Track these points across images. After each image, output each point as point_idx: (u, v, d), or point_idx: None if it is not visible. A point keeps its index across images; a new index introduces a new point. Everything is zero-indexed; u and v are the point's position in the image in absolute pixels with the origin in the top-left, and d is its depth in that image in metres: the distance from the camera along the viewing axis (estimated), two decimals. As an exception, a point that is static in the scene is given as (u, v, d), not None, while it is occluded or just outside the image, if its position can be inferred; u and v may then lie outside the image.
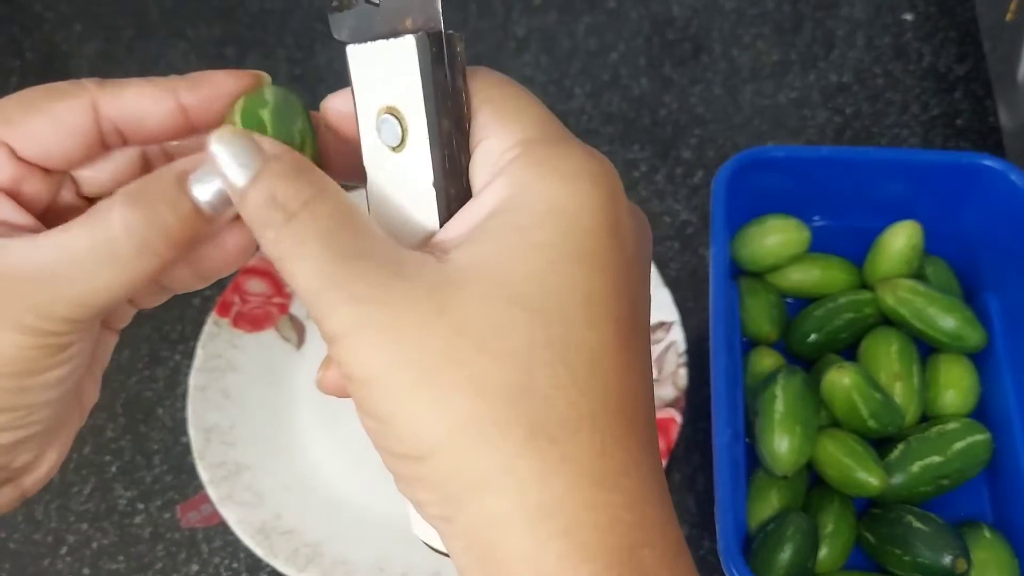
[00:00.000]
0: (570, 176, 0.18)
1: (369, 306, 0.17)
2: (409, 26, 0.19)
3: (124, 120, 0.21)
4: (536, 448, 0.17)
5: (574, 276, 0.18)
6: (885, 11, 0.64)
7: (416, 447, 0.17)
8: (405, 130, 0.19)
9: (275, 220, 0.18)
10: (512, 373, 0.17)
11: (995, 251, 0.48)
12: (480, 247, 0.18)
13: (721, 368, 0.41)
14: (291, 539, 0.44)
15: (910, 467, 0.43)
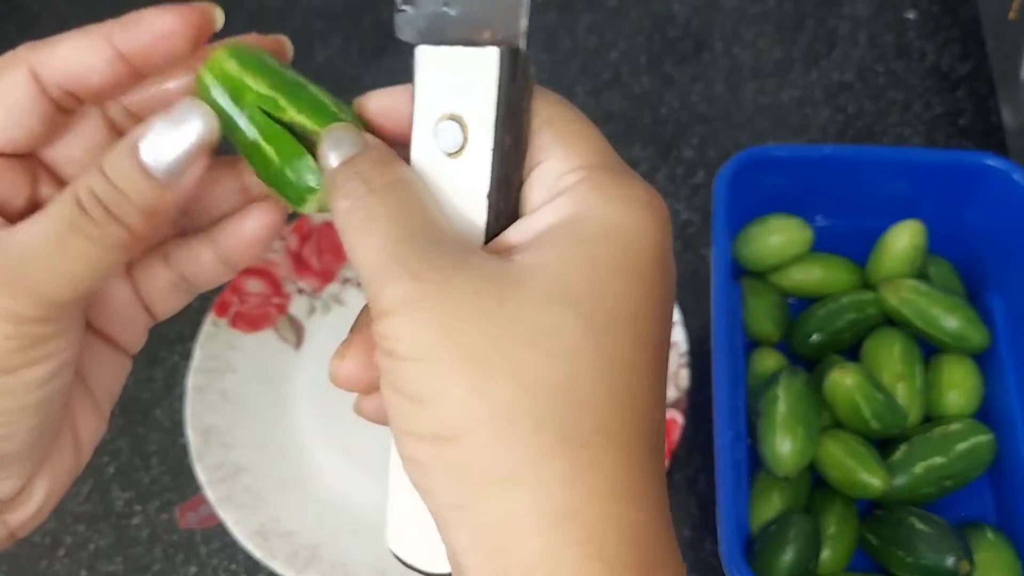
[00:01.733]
0: (631, 202, 0.19)
1: (428, 285, 0.18)
2: (487, 37, 0.19)
3: (67, 79, 0.21)
4: (568, 451, 0.17)
5: (627, 294, 0.18)
6: (887, 9, 0.63)
7: (448, 428, 0.17)
8: (466, 138, 0.20)
9: (355, 191, 0.19)
10: (557, 373, 0.17)
11: (998, 251, 0.48)
12: (542, 253, 0.18)
13: (723, 369, 0.41)
14: (290, 541, 0.44)
15: (913, 468, 0.42)
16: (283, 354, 0.51)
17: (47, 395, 0.21)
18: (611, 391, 0.18)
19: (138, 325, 0.24)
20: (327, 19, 0.65)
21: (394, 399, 0.18)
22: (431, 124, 0.20)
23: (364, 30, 0.65)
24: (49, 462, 0.23)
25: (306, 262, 0.52)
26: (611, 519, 0.17)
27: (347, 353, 0.21)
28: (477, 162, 0.20)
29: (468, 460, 0.17)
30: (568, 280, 0.18)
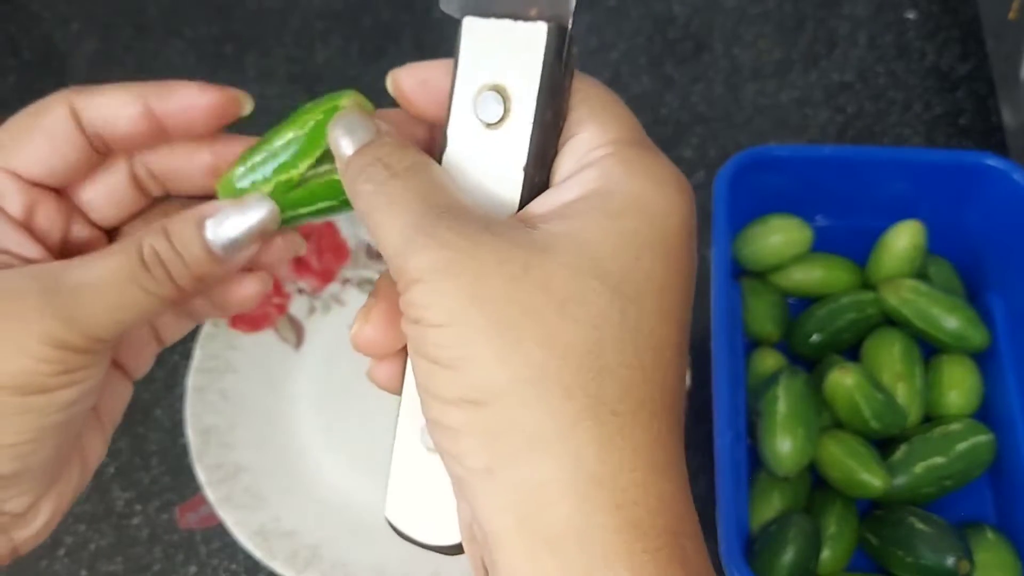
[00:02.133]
0: (659, 179, 0.19)
1: (457, 252, 0.18)
2: (534, 14, 0.20)
3: (100, 122, 0.23)
4: (597, 418, 0.17)
5: (654, 267, 0.19)
6: (887, 9, 0.63)
7: (477, 392, 0.18)
8: (508, 110, 0.20)
9: (378, 176, 0.20)
10: (585, 340, 0.17)
11: (998, 251, 0.48)
12: (570, 223, 0.19)
13: (723, 369, 0.41)
14: (290, 541, 0.44)
15: (913, 468, 0.42)
16: (283, 354, 0.51)
17: (69, 418, 0.22)
18: (639, 361, 0.18)
19: (148, 352, 0.26)
20: (327, 19, 0.65)
21: (423, 365, 0.19)
22: (472, 95, 0.20)
23: (364, 30, 0.65)
24: (58, 483, 0.24)
25: (306, 262, 0.52)
26: (640, 487, 0.17)
27: (370, 316, 0.21)
28: (517, 134, 0.20)
29: (498, 424, 0.17)
30: (596, 251, 0.18)
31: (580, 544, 0.17)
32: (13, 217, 0.23)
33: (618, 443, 0.17)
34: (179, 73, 0.63)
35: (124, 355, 0.25)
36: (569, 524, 0.17)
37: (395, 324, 0.21)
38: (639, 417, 0.18)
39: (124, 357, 0.25)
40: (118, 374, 0.25)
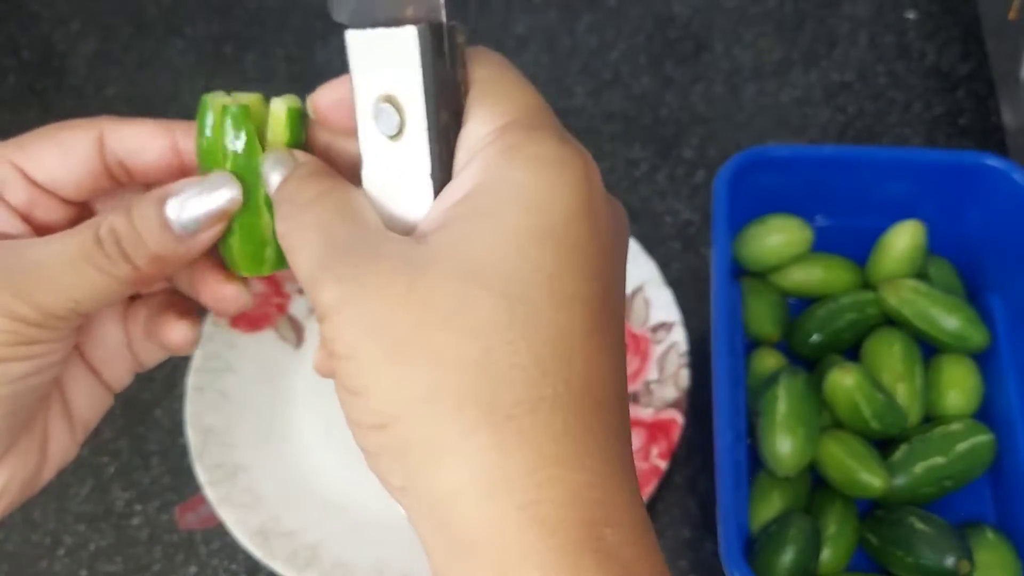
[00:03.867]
0: (541, 161, 0.18)
1: (348, 285, 0.18)
2: (410, 15, 0.19)
3: (124, 151, 0.23)
4: (491, 424, 0.17)
5: (541, 258, 0.18)
6: (887, 9, 0.63)
7: (382, 416, 0.18)
8: (403, 120, 0.19)
9: (287, 213, 0.21)
10: (471, 350, 0.18)
11: (998, 251, 0.48)
12: (450, 230, 0.19)
13: (723, 369, 0.41)
14: (290, 541, 0.44)
15: (913, 468, 0.42)
16: (283, 354, 0.51)
17: (21, 391, 0.22)
18: (534, 359, 0.18)
19: (124, 364, 0.26)
20: (327, 19, 0.65)
21: (341, 394, 0.19)
22: (370, 108, 0.20)
23: (364, 30, 0.65)
24: (12, 456, 0.24)
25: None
26: (545, 484, 0.17)
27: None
28: (416, 142, 0.19)
29: (403, 444, 0.18)
30: (476, 256, 0.18)
31: (492, 547, 0.17)
32: (13, 206, 0.23)
33: (516, 445, 0.17)
34: (179, 73, 0.63)
35: (96, 359, 0.26)
36: (479, 529, 0.17)
37: None
38: (538, 415, 0.18)
39: (97, 361, 0.26)
40: (94, 379, 0.26)
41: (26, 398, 0.23)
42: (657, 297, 0.49)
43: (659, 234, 0.54)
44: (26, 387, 0.22)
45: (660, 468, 0.44)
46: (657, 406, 0.46)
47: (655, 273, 0.50)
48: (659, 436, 0.45)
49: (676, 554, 0.45)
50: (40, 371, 0.22)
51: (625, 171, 0.57)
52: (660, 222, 0.55)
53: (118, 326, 0.26)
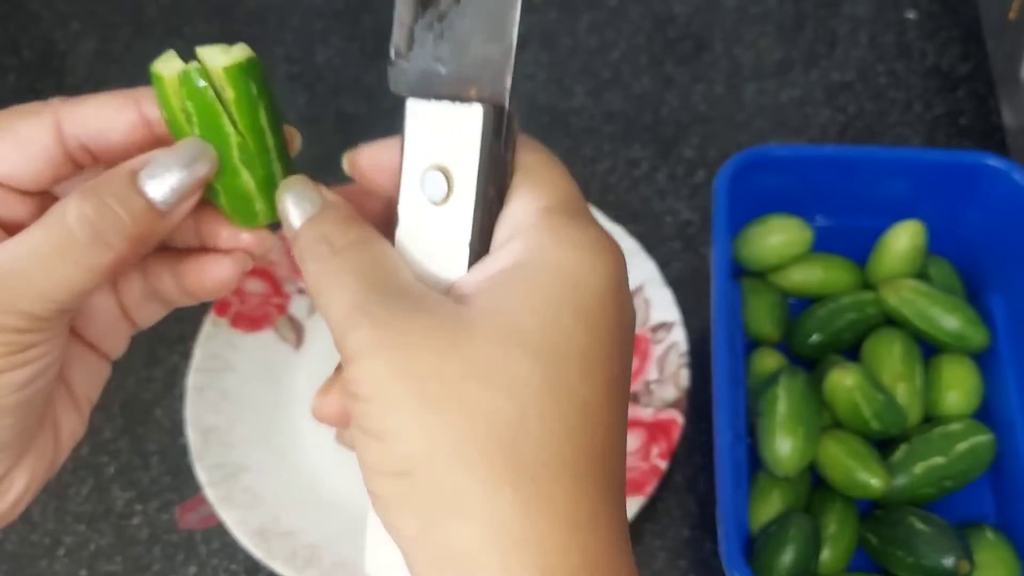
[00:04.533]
0: (582, 245, 0.20)
1: (388, 330, 0.19)
2: (473, 94, 0.21)
3: (87, 134, 0.22)
4: (517, 484, 0.18)
5: (575, 331, 0.19)
6: (888, 9, 0.63)
7: (405, 463, 0.18)
8: (451, 189, 0.21)
9: (321, 254, 0.21)
10: (507, 410, 0.18)
11: (998, 251, 0.48)
12: (495, 295, 0.20)
13: (723, 369, 0.41)
14: (290, 541, 0.44)
15: (913, 468, 0.42)
16: (283, 354, 0.51)
17: (28, 396, 0.22)
18: (562, 425, 0.19)
19: (120, 333, 0.25)
20: (327, 19, 0.65)
21: (360, 438, 0.19)
22: (419, 174, 0.21)
23: (364, 30, 0.65)
24: (29, 455, 0.23)
25: (306, 262, 0.52)
26: (562, 549, 0.18)
27: (329, 390, 0.22)
28: (461, 212, 0.21)
29: (424, 492, 0.18)
30: (519, 322, 0.19)
31: None
32: None
33: (538, 507, 0.18)
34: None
35: (93, 335, 0.25)
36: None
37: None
38: (561, 480, 0.18)
39: (94, 337, 0.25)
40: (90, 353, 0.25)
41: (34, 401, 0.22)
42: (657, 297, 0.49)
43: (659, 234, 0.54)
44: (32, 391, 0.22)
45: (660, 468, 0.44)
46: (657, 406, 0.46)
47: (655, 273, 0.50)
48: (659, 436, 0.45)
49: (676, 554, 0.45)
50: (42, 373, 0.22)
51: (625, 171, 0.57)
52: (660, 222, 0.55)
53: (109, 298, 0.25)
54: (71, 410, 0.25)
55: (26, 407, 0.22)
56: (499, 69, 0.20)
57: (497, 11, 0.20)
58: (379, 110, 0.61)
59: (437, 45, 0.21)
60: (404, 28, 0.21)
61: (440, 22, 0.21)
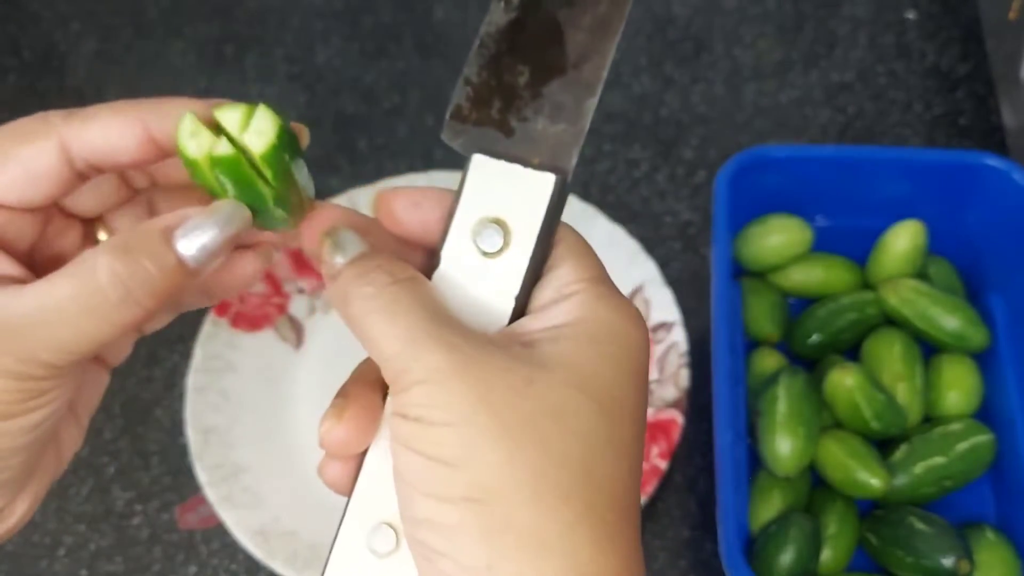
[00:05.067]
0: (628, 314, 0.22)
1: (464, 356, 0.19)
2: (537, 162, 0.22)
3: (95, 155, 0.22)
4: (591, 523, 0.19)
5: (629, 390, 0.21)
6: (887, 10, 0.63)
7: (481, 491, 0.19)
8: (507, 243, 0.22)
9: (380, 280, 0.21)
10: (579, 450, 0.19)
11: (998, 251, 0.48)
12: (562, 345, 0.21)
13: (723, 369, 0.41)
14: (290, 541, 0.44)
15: (913, 468, 0.42)
16: (283, 354, 0.51)
17: (39, 436, 0.22)
18: (620, 473, 0.20)
19: (124, 341, 0.25)
20: (327, 19, 0.65)
21: (418, 463, 0.19)
22: (472, 223, 0.22)
23: (364, 30, 0.65)
24: (33, 481, 0.23)
25: (306, 262, 0.52)
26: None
27: (343, 416, 0.22)
28: (513, 265, 0.22)
29: (499, 522, 0.19)
30: (585, 371, 0.20)
31: None
32: None
33: (609, 547, 0.19)
34: (179, 73, 0.63)
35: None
36: None
37: (365, 427, 0.22)
38: (625, 523, 0.20)
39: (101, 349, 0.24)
40: (92, 366, 0.25)
41: (45, 439, 0.23)
42: (657, 297, 0.49)
43: (659, 234, 0.54)
44: (45, 430, 0.22)
45: (660, 468, 0.44)
46: (657, 406, 0.46)
47: (655, 273, 0.50)
48: (659, 436, 0.45)
49: (676, 554, 0.45)
50: (55, 413, 0.22)
51: (625, 171, 0.57)
52: (660, 222, 0.55)
53: None
54: (72, 424, 0.25)
55: (37, 445, 0.22)
56: (569, 148, 0.22)
57: (575, 101, 0.22)
58: (378, 110, 0.61)
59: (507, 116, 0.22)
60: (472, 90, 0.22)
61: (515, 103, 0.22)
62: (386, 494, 0.21)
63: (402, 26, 0.65)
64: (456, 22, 0.65)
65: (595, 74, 0.23)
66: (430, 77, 0.62)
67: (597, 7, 0.23)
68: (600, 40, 0.23)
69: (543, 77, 0.22)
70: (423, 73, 0.62)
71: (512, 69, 0.22)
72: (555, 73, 0.23)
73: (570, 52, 0.23)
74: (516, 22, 0.23)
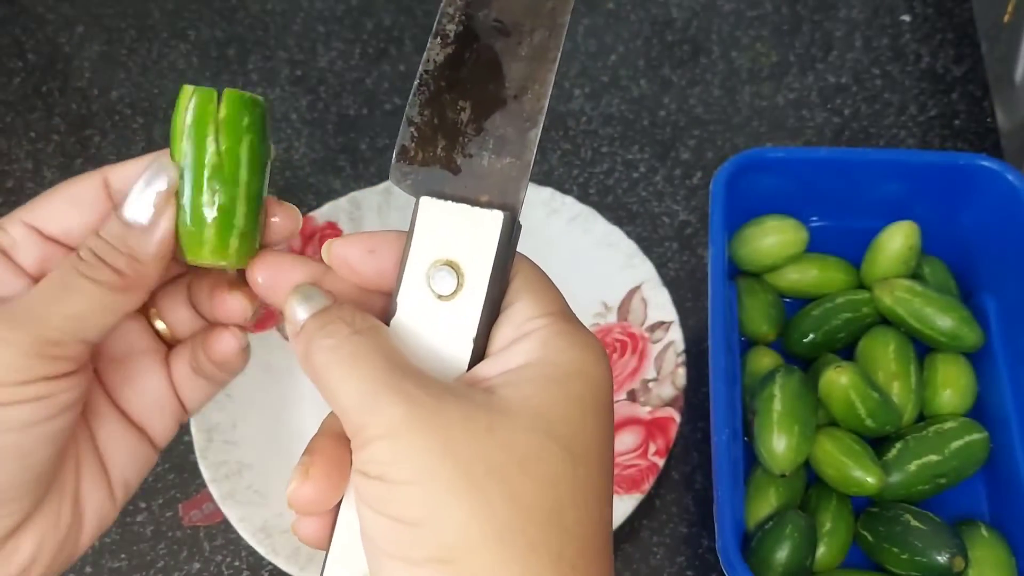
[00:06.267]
0: (590, 349, 0.21)
1: (424, 409, 0.19)
2: (485, 200, 0.22)
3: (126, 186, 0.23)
4: (560, 572, 0.19)
5: (596, 428, 0.20)
6: (883, 12, 0.64)
7: (447, 550, 0.18)
8: (461, 285, 0.21)
9: (340, 332, 0.20)
10: (545, 499, 0.19)
11: (992, 251, 0.48)
12: (523, 388, 0.20)
13: (719, 367, 0.41)
14: (292, 538, 0.44)
15: (907, 466, 0.43)
16: (287, 353, 0.51)
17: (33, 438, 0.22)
18: (589, 515, 0.19)
19: (168, 413, 0.26)
20: (329, 23, 0.66)
21: (382, 524, 0.19)
22: (425, 267, 0.21)
23: (365, 34, 0.65)
24: (38, 519, 0.23)
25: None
26: None
27: (309, 474, 0.21)
28: (468, 307, 0.21)
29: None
30: (548, 414, 0.20)
31: None
32: (23, 267, 0.24)
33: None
34: (183, 76, 0.64)
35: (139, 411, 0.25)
36: None
37: (335, 482, 0.21)
38: (594, 568, 0.19)
39: (139, 414, 0.25)
40: (134, 432, 0.25)
41: (39, 449, 0.22)
42: (654, 297, 0.49)
43: (657, 235, 0.55)
44: (40, 434, 0.22)
45: (657, 465, 0.45)
46: (654, 404, 0.47)
47: (652, 273, 0.50)
48: (656, 434, 0.46)
49: (673, 551, 0.46)
50: (51, 416, 0.22)
51: (623, 173, 0.58)
52: (658, 223, 0.55)
53: (159, 374, 0.26)
54: (100, 486, 0.24)
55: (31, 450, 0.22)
56: (516, 183, 0.22)
57: (518, 133, 0.21)
58: (380, 112, 0.61)
59: (452, 154, 0.22)
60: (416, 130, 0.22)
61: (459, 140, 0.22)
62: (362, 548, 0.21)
63: (403, 28, 0.66)
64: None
65: (536, 104, 0.22)
66: (431, 80, 0.62)
67: (533, 36, 0.22)
68: (538, 69, 0.22)
69: (485, 111, 0.22)
70: (424, 76, 0.63)
71: (454, 105, 0.22)
72: (496, 106, 0.22)
73: (510, 84, 0.22)
74: (454, 57, 0.22)
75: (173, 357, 0.26)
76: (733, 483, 0.40)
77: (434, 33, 0.23)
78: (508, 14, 0.22)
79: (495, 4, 0.22)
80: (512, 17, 0.22)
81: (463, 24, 0.22)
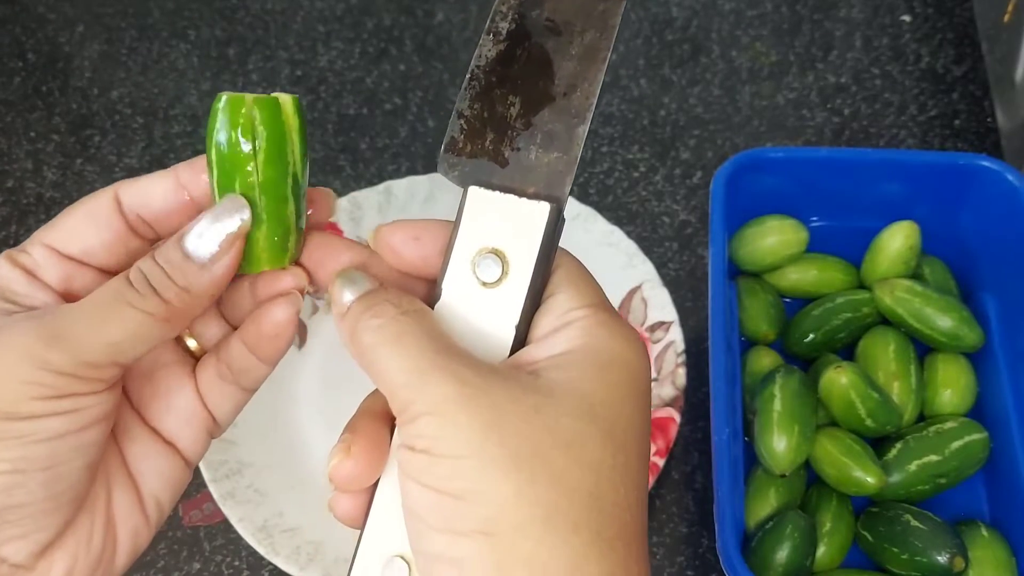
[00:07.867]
0: (630, 340, 0.22)
1: (473, 388, 0.19)
2: (532, 192, 0.22)
3: (139, 203, 0.24)
4: (600, 552, 0.19)
5: (635, 415, 0.21)
6: (883, 12, 0.64)
7: (492, 524, 0.19)
8: (505, 273, 0.22)
9: (388, 312, 0.21)
10: (586, 480, 0.19)
11: (992, 251, 0.48)
12: (567, 373, 0.21)
13: (720, 367, 0.41)
14: (293, 537, 0.44)
15: (908, 466, 0.43)
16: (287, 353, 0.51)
17: (59, 452, 0.21)
18: (627, 500, 0.20)
19: (197, 427, 0.25)
20: (329, 23, 0.66)
21: (427, 497, 0.19)
22: (471, 255, 0.22)
23: (365, 34, 0.65)
24: (70, 539, 0.23)
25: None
26: None
27: (352, 451, 0.22)
28: (512, 294, 0.22)
29: (510, 555, 0.19)
30: (592, 399, 0.20)
31: None
32: (50, 286, 0.24)
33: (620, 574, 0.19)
34: (183, 75, 0.64)
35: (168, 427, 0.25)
36: None
37: (375, 459, 0.22)
38: (631, 552, 0.20)
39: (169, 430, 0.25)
40: (165, 449, 0.25)
41: (69, 462, 0.22)
42: (654, 297, 0.50)
43: (657, 235, 0.55)
44: (66, 448, 0.21)
45: (658, 465, 0.45)
46: (655, 404, 0.47)
47: (652, 273, 0.50)
48: (657, 434, 0.46)
49: (673, 550, 0.46)
50: (79, 429, 0.22)
51: (624, 172, 0.58)
52: (658, 223, 0.55)
53: (187, 386, 0.25)
54: (132, 506, 0.24)
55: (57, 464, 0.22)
56: (563, 176, 0.22)
57: (566, 129, 0.22)
58: (380, 112, 0.61)
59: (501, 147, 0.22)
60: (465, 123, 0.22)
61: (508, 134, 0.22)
62: (398, 527, 0.21)
63: (403, 29, 0.66)
64: (456, 24, 0.65)
65: (584, 102, 0.23)
66: (431, 79, 0.62)
67: (584, 36, 0.23)
68: (588, 68, 0.23)
69: (534, 107, 0.23)
70: (424, 75, 0.63)
71: (503, 100, 0.23)
72: (545, 102, 0.23)
73: (559, 81, 0.23)
74: (506, 54, 0.23)
75: (199, 368, 0.26)
76: (733, 483, 0.40)
77: (487, 30, 0.23)
78: (560, 14, 0.23)
79: (547, 4, 0.23)
80: (564, 17, 0.23)
81: (515, 22, 0.23)
